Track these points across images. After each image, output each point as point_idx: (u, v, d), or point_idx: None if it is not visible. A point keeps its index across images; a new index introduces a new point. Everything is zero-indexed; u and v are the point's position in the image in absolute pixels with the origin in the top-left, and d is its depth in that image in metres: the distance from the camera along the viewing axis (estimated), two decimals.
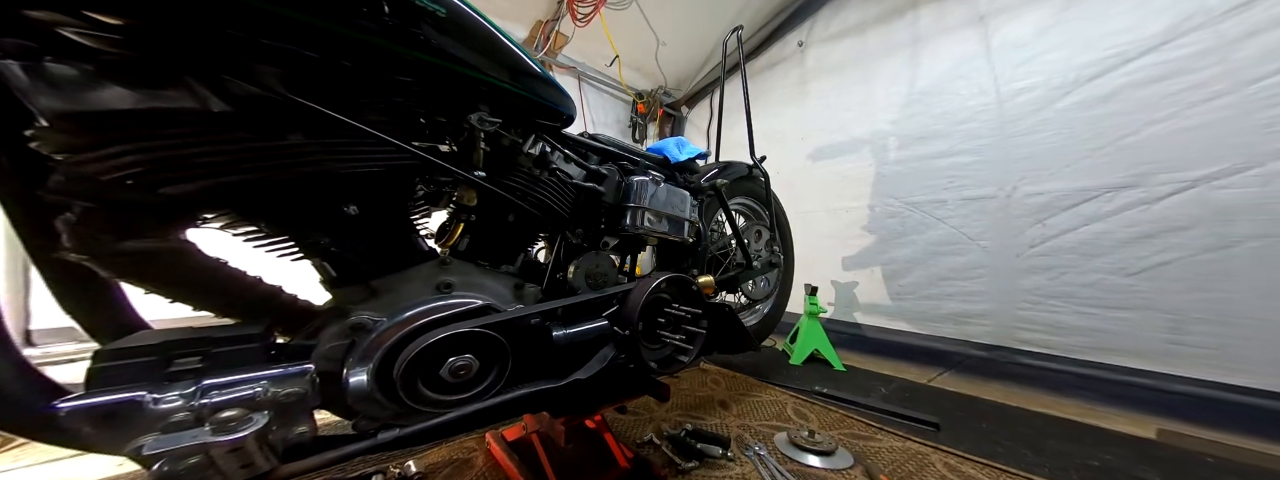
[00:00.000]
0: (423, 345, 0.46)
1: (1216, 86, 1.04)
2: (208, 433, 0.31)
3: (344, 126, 0.42)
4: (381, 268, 0.49)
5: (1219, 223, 1.02)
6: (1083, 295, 1.21)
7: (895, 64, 1.78)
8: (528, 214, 0.63)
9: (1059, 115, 1.30)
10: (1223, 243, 1.01)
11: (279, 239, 0.45)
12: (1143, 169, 1.13)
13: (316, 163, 0.42)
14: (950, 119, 1.55)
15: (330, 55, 0.40)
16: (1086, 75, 1.25)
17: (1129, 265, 1.14)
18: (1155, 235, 1.10)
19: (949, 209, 1.52)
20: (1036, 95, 1.35)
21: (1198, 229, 1.05)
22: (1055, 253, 1.26)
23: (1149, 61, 1.14)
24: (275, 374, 0.38)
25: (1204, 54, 1.06)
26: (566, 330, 0.62)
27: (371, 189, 0.48)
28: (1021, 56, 1.40)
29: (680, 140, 1.08)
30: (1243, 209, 0.99)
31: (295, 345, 0.44)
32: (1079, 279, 1.21)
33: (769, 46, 2.38)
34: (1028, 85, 1.37)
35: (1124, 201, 1.15)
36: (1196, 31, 1.08)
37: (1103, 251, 1.18)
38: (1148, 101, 1.14)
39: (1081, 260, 1.21)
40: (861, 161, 1.84)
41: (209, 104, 0.37)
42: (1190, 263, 1.05)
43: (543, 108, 0.62)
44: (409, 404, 0.46)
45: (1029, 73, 1.37)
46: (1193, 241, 1.05)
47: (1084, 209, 1.22)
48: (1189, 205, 1.06)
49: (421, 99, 0.49)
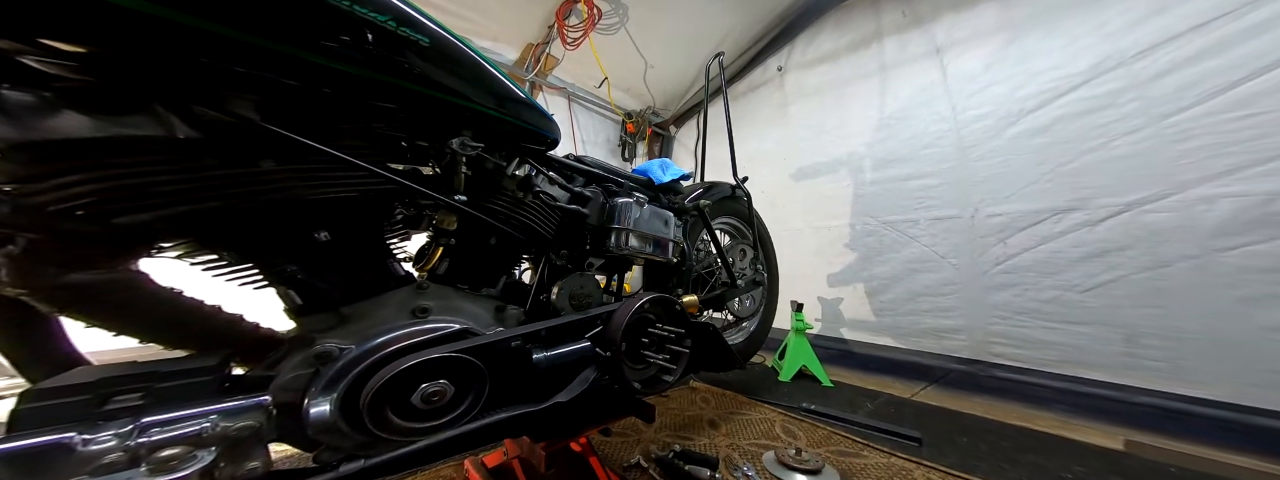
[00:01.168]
0: (393, 372, 0.44)
1: (1135, 120, 1.17)
2: (143, 473, 0.29)
3: (318, 152, 0.41)
4: (353, 294, 0.48)
5: (1152, 244, 1.12)
6: (1045, 311, 1.28)
7: (867, 89, 1.91)
8: (510, 237, 0.63)
9: (1008, 142, 1.42)
10: (1158, 262, 1.11)
11: (241, 267, 0.43)
12: (1082, 193, 1.24)
13: (287, 189, 0.41)
14: (916, 143, 1.67)
15: (310, 83, 0.40)
16: (1028, 107, 1.39)
17: (1081, 282, 1.22)
18: (1100, 254, 1.20)
19: (921, 228, 1.60)
20: (989, 123, 1.47)
21: (1135, 249, 1.14)
22: (1017, 270, 1.34)
23: (1078, 96, 1.28)
24: (226, 408, 0.36)
25: (1123, 91, 1.20)
26: (547, 352, 0.61)
27: (345, 214, 0.47)
28: (974, 87, 1.54)
29: (664, 162, 1.11)
30: (1170, 231, 1.10)
31: (253, 377, 0.42)
32: (1040, 295, 1.29)
33: (751, 70, 2.53)
34: (980, 114, 1.50)
35: (1070, 223, 1.25)
36: (1114, 70, 1.22)
37: (1057, 269, 1.26)
38: (1080, 132, 1.26)
39: (1040, 277, 1.29)
40: (840, 181, 1.94)
41: (174, 130, 0.36)
42: (1132, 281, 1.14)
43: (527, 132, 0.63)
44: (376, 433, 0.44)
45: (981, 102, 1.51)
46: (1132, 261, 1.15)
47: (1038, 230, 1.31)
48: (1125, 227, 1.16)
49: (403, 124, 0.49)
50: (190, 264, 0.42)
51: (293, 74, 0.39)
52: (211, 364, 0.38)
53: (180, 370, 0.36)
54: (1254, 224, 0.98)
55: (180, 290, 0.41)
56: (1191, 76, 1.09)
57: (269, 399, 0.38)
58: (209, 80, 0.36)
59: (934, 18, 1.70)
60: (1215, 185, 1.04)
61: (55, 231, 0.33)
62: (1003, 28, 1.49)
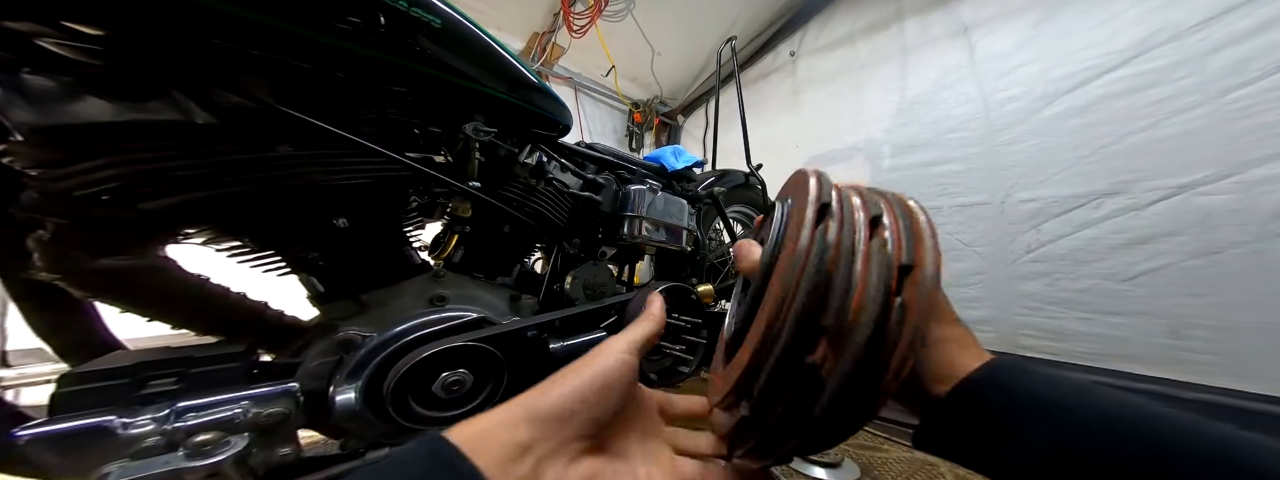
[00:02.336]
0: (413, 361, 0.44)
1: (1191, 97, 1.08)
2: (181, 458, 0.29)
3: (333, 137, 0.41)
4: (372, 282, 0.48)
5: (1205, 229, 1.04)
6: (1080, 301, 1.21)
7: (885, 73, 1.82)
8: (524, 224, 0.62)
9: (1044, 124, 1.33)
10: (1211, 248, 1.03)
11: (264, 254, 0.44)
12: (1128, 176, 1.16)
13: (304, 175, 0.41)
14: (940, 127, 1.59)
15: (323, 67, 0.39)
16: (1066, 86, 1.29)
17: (1121, 271, 1.15)
18: (1145, 241, 1.12)
19: (944, 216, 1.53)
20: (1021, 105, 1.38)
21: (1185, 235, 1.06)
22: (1050, 258, 1.27)
23: (1124, 73, 1.19)
24: (257, 394, 0.36)
25: (1176, 66, 1.10)
26: (563, 342, 0.61)
27: (362, 201, 0.47)
28: (1004, 67, 1.45)
29: (677, 149, 1.08)
30: (1225, 215, 1.01)
31: (280, 364, 0.43)
32: (1074, 285, 1.22)
33: (762, 57, 2.44)
34: (1012, 96, 1.41)
35: (1112, 208, 1.17)
36: (1165, 45, 1.12)
37: (1096, 257, 1.19)
38: (1127, 111, 1.17)
39: (1076, 266, 1.22)
40: (857, 169, 1.87)
41: (192, 116, 0.36)
42: (1182, 268, 1.06)
43: (539, 117, 0.62)
44: (400, 422, 0.44)
45: (1012, 83, 1.42)
46: (1182, 247, 1.07)
47: (1075, 216, 1.24)
48: (1175, 211, 1.08)
49: (415, 109, 0.49)
50: (216, 250, 0.43)
51: (306, 56, 0.38)
52: (238, 351, 0.38)
53: (211, 356, 0.37)
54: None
55: (207, 277, 0.41)
56: (1255, 48, 0.99)
57: (297, 386, 0.39)
58: (224, 64, 0.36)
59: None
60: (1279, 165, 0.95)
61: (82, 217, 0.34)
62: (1035, 4, 1.39)
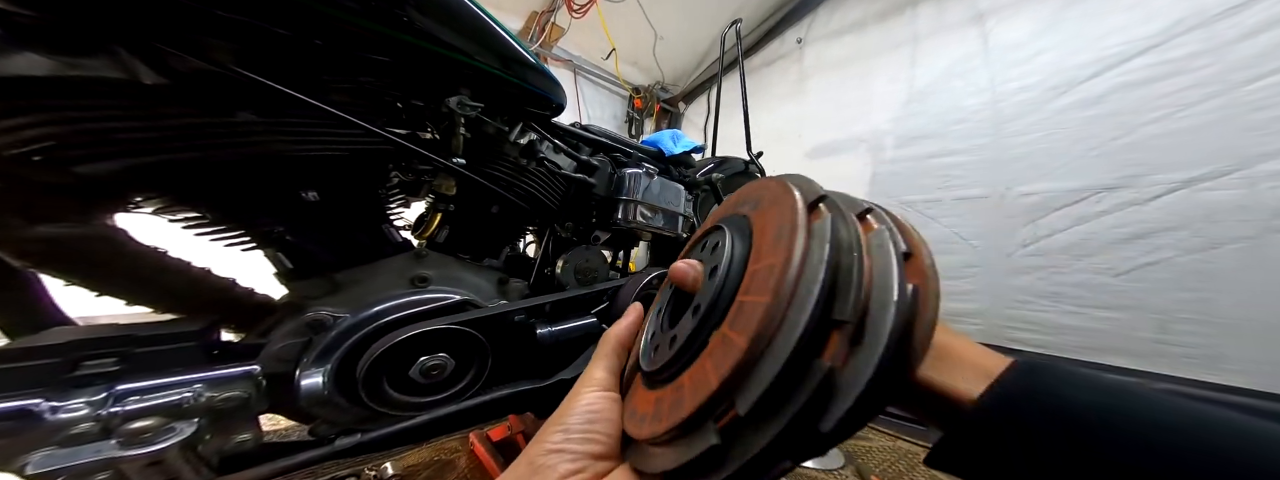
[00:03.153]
0: (390, 344, 0.42)
1: (1209, 88, 1.05)
2: (114, 446, 0.27)
3: (302, 105, 0.37)
4: (346, 259, 0.45)
5: (1206, 224, 1.03)
6: (1070, 295, 1.22)
7: (895, 62, 1.76)
8: (513, 205, 0.59)
9: (1054, 115, 1.30)
10: (1209, 243, 1.02)
11: (224, 227, 0.41)
12: (1134, 170, 1.14)
13: (267, 144, 0.37)
14: (947, 118, 1.55)
15: (302, 32, 0.36)
16: (1082, 75, 1.25)
17: (1117, 265, 1.14)
18: (1144, 236, 1.11)
19: (943, 208, 1.52)
20: (1032, 95, 1.34)
21: (1185, 230, 1.06)
22: (1046, 252, 1.27)
23: (1144, 62, 1.15)
24: (211, 377, 0.34)
25: (1198, 55, 1.07)
26: (551, 328, 0.59)
27: (335, 174, 0.44)
28: (1018, 56, 1.40)
29: (675, 133, 1.04)
30: (1228, 210, 1.01)
31: (242, 345, 0.40)
32: (1067, 278, 1.22)
33: (768, 43, 2.36)
34: (1023, 85, 1.37)
35: (1114, 202, 1.16)
36: (1191, 32, 1.08)
37: (1092, 252, 1.19)
38: (1141, 103, 1.14)
39: (1072, 260, 1.22)
40: (859, 160, 1.84)
41: (139, 75, 0.32)
42: (1177, 263, 1.06)
43: (531, 95, 0.58)
44: (373, 407, 0.42)
45: (1025, 73, 1.37)
46: (1180, 242, 1.06)
47: (1074, 210, 1.22)
48: (1178, 206, 1.07)
49: (397, 81, 0.45)
50: (169, 221, 0.40)
51: (284, 21, 0.35)
52: (195, 329, 0.36)
53: (162, 335, 0.34)
54: None
55: (165, 250, 0.38)
56: None
57: (258, 369, 0.37)
58: (184, 23, 0.32)
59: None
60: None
61: (16, 179, 0.30)
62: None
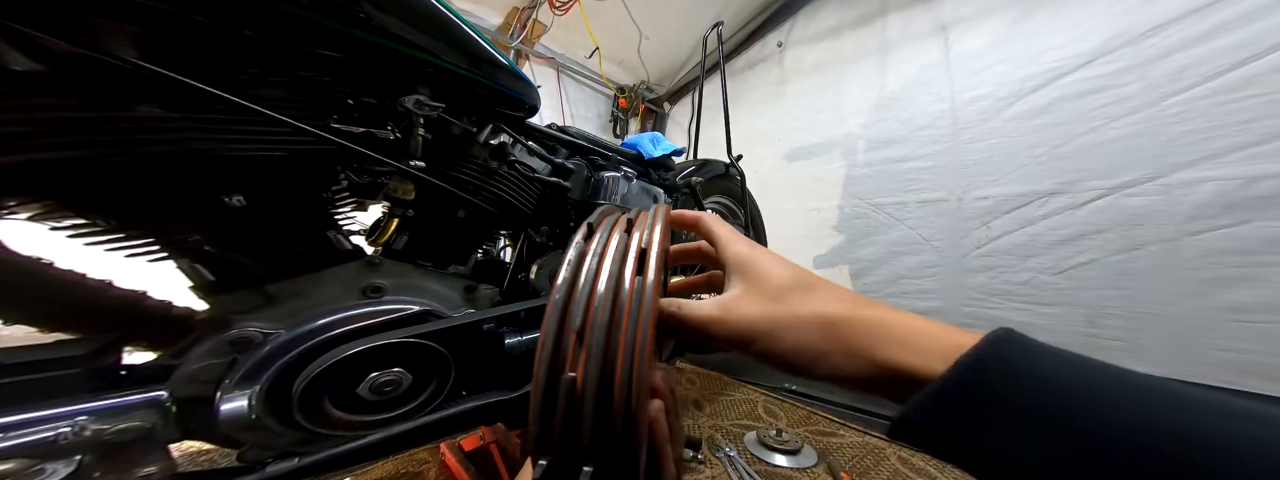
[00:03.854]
0: (331, 361, 0.39)
1: (1133, 102, 1.15)
2: None
3: (221, 101, 0.33)
4: (281, 270, 0.41)
5: (1129, 227, 1.14)
6: (1018, 292, 1.32)
7: (867, 68, 1.84)
8: (482, 210, 0.58)
9: (1004, 124, 1.39)
10: (1132, 245, 1.14)
11: (124, 235, 0.36)
12: (1071, 176, 1.24)
13: (182, 142, 0.33)
14: (913, 124, 1.63)
15: (226, 22, 0.32)
16: (1029, 87, 1.35)
17: (1055, 265, 1.25)
18: (1078, 238, 1.22)
19: (908, 211, 1.61)
20: (986, 104, 1.44)
21: (1112, 232, 1.17)
22: (996, 253, 1.37)
23: (1080, 76, 1.25)
24: (101, 407, 0.30)
25: (1126, 71, 1.17)
26: (522, 337, 0.57)
27: (268, 176, 0.40)
28: (975, 67, 1.49)
29: (655, 136, 1.06)
30: (1149, 215, 1.12)
31: (149, 367, 0.36)
32: (1015, 277, 1.32)
33: (749, 46, 2.40)
34: (979, 95, 1.46)
35: (1054, 206, 1.26)
36: (1120, 50, 1.18)
37: (1035, 252, 1.29)
38: (1078, 114, 1.24)
39: (1018, 260, 1.32)
40: (833, 163, 1.91)
41: (6, 60, 0.28)
42: (1104, 263, 1.17)
43: (502, 95, 0.57)
44: (311, 429, 0.39)
45: (980, 82, 1.46)
46: (1108, 244, 1.17)
47: (1021, 213, 1.33)
48: (1107, 211, 1.17)
49: (345, 76, 0.42)
50: (51, 228, 0.34)
51: (199, 6, 0.31)
52: (82, 353, 0.32)
53: (38, 361, 0.30)
54: (1231, 207, 1.00)
55: (49, 261, 0.34)
56: (1198, 55, 1.06)
57: (166, 394, 0.33)
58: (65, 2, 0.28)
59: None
60: (1201, 169, 1.04)
61: None
62: (1012, 4, 1.42)
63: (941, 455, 0.14)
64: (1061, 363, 0.14)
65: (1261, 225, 0.96)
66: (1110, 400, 0.12)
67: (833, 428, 0.99)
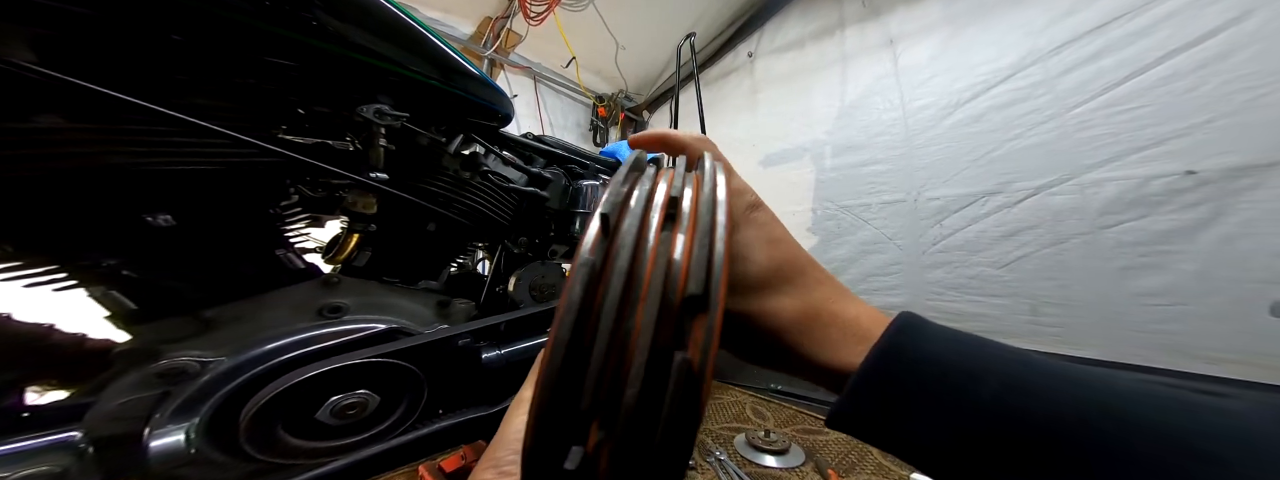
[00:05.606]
0: (284, 387, 0.36)
1: (1048, 111, 1.31)
2: None
3: (141, 110, 0.29)
4: (220, 294, 0.38)
5: (1055, 223, 1.28)
6: (971, 286, 1.44)
7: (829, 78, 1.97)
8: (453, 222, 0.57)
9: (947, 131, 1.54)
10: (1059, 239, 1.27)
11: (18, 263, 0.31)
12: (1004, 178, 1.39)
13: (89, 156, 0.29)
14: (871, 131, 1.76)
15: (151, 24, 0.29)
16: (965, 97, 1.50)
17: (999, 258, 1.38)
18: (1015, 234, 1.35)
19: (873, 212, 1.72)
20: (931, 113, 1.58)
21: (1042, 227, 1.30)
22: (950, 249, 1.49)
23: (1004, 88, 1.41)
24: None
25: (1038, 84, 1.33)
26: (500, 350, 0.55)
27: (201, 192, 0.36)
28: (921, 77, 1.64)
29: None
30: (1068, 211, 1.26)
31: (56, 407, 0.33)
32: (967, 271, 1.45)
33: (722, 56, 2.51)
34: (924, 104, 1.61)
35: (993, 205, 1.40)
36: (1033, 65, 1.35)
37: (982, 247, 1.42)
38: (1006, 122, 1.40)
39: (968, 255, 1.44)
40: (804, 168, 2.01)
41: None
42: (1039, 256, 1.31)
43: (472, 105, 0.56)
44: (263, 459, 0.36)
45: (925, 93, 1.61)
46: (1040, 238, 1.31)
47: (968, 211, 1.46)
48: (1035, 208, 1.31)
49: (293, 84, 0.39)
50: None
51: (117, 6, 0.27)
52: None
53: None
54: (1133, 204, 1.15)
55: None
56: (1092, 72, 1.23)
57: (79, 435, 0.30)
58: None
59: (890, 10, 1.77)
60: (1105, 170, 1.20)
61: None
62: (946, 22, 1.58)
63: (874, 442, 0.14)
64: (947, 343, 0.15)
65: (1159, 218, 1.11)
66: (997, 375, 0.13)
67: (817, 426, 1.01)
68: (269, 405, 0.36)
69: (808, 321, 0.16)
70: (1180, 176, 1.08)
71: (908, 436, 0.13)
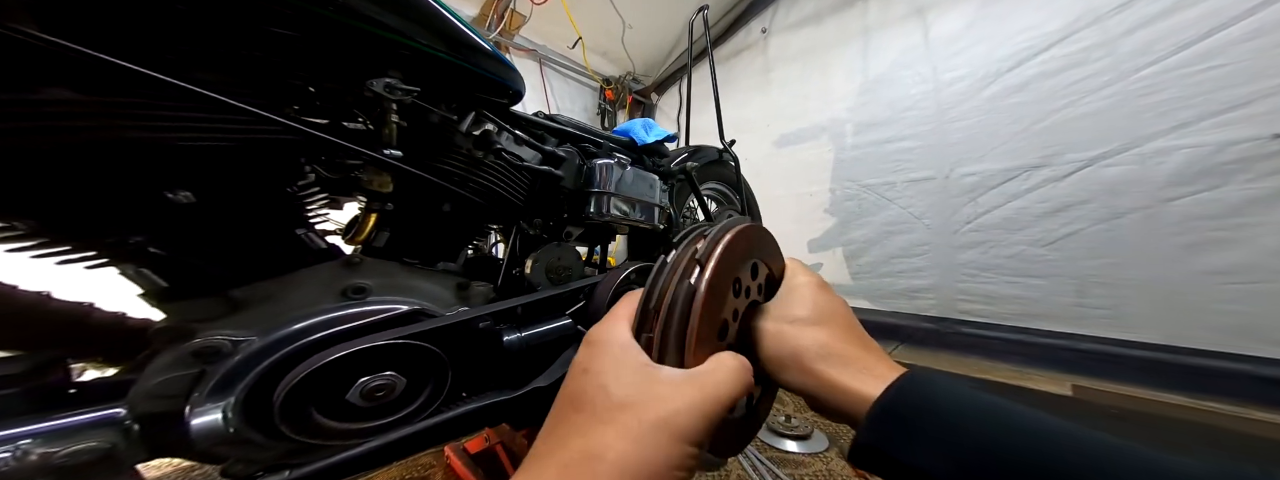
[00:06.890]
0: (314, 367, 0.35)
1: (1104, 77, 1.20)
2: None
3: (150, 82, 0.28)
4: (248, 273, 0.37)
5: (1110, 197, 1.19)
6: (1008, 266, 1.36)
7: (850, 53, 1.86)
8: (468, 202, 0.53)
9: (984, 103, 1.43)
10: (1114, 213, 1.18)
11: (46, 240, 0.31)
12: (1051, 150, 1.29)
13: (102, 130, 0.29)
14: (897, 106, 1.66)
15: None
16: (1006, 67, 1.39)
17: (1042, 237, 1.29)
18: (1063, 209, 1.26)
19: (897, 190, 1.63)
20: (966, 84, 1.47)
21: (1094, 202, 1.21)
22: (985, 228, 1.41)
23: (1052, 54, 1.29)
24: (48, 428, 0.27)
25: (1094, 47, 1.22)
26: (520, 333, 0.53)
27: (218, 169, 0.36)
28: (955, 48, 1.52)
29: (647, 122, 1.02)
30: (1126, 184, 1.17)
31: (101, 384, 0.33)
32: (1004, 251, 1.36)
33: (735, 32, 2.39)
34: (959, 75, 1.50)
35: (1038, 180, 1.31)
36: (1087, 28, 1.23)
37: (1022, 225, 1.33)
38: (1053, 91, 1.29)
39: (1007, 234, 1.36)
40: (822, 147, 1.92)
41: None
42: (1088, 233, 1.22)
43: (483, 80, 0.52)
44: (299, 439, 0.36)
45: (960, 64, 1.50)
46: (1090, 213, 1.22)
47: (1007, 188, 1.37)
48: (1086, 182, 1.22)
49: (300, 57, 0.38)
50: None
51: None
52: (17, 372, 0.29)
53: None
54: (1203, 173, 1.04)
55: None
56: (1162, 30, 1.11)
57: (123, 411, 0.30)
58: None
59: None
60: (1172, 138, 1.09)
61: None
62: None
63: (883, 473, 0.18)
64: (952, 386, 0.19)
65: (1234, 189, 1.01)
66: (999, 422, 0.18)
67: None
68: (301, 385, 0.35)
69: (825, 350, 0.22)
70: (1264, 141, 0.97)
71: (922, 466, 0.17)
